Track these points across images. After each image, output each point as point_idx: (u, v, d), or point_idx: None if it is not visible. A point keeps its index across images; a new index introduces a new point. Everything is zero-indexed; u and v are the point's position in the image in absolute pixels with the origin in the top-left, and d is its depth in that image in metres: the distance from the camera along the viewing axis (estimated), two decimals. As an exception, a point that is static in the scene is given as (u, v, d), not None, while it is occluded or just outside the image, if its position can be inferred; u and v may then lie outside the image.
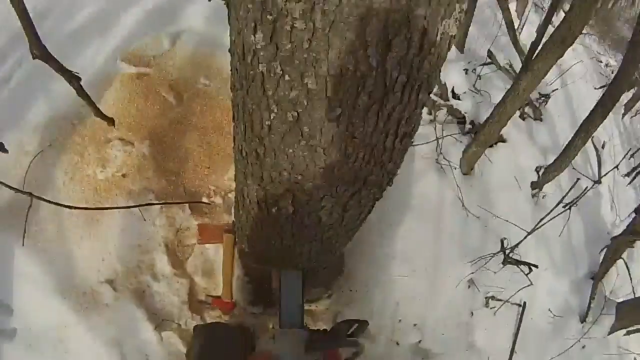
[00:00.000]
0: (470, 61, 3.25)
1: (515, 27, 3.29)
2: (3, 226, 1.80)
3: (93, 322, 1.81)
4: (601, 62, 5.41)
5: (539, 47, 1.93)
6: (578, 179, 2.50)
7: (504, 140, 2.89)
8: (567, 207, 2.23)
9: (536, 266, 2.33)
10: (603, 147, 3.63)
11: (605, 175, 2.50)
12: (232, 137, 1.07)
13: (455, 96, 2.83)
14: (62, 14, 2.32)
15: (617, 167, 2.82)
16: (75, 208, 1.61)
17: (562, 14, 2.09)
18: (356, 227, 1.38)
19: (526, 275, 2.36)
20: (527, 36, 4.04)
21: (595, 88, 3.97)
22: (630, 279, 2.71)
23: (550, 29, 1.96)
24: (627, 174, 3.60)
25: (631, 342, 2.81)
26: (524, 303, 2.50)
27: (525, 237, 2.25)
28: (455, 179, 2.53)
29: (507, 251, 2.34)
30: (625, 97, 4.39)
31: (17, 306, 1.80)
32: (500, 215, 2.51)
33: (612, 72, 5.02)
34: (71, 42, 2.24)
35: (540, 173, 2.85)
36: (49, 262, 1.83)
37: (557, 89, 3.46)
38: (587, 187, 2.35)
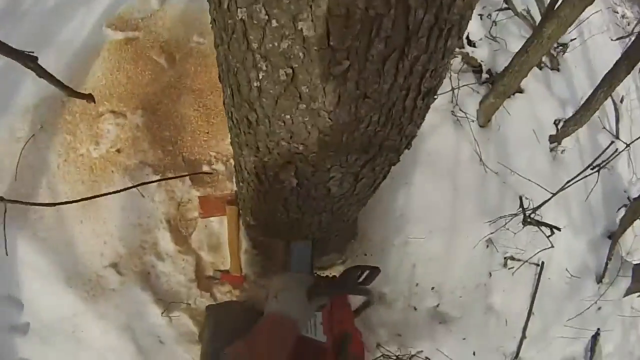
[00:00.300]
0: (485, 6, 2.98)
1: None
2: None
3: (101, 309, 1.77)
4: (617, 12, 5.07)
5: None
6: (612, 141, 2.34)
7: (521, 91, 2.70)
8: (596, 169, 2.07)
9: (559, 229, 2.21)
10: (622, 101, 3.42)
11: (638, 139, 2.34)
12: (229, 98, 0.92)
13: (471, 43, 2.61)
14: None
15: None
16: (59, 204, 1.47)
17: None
18: (370, 195, 1.25)
19: (547, 237, 2.24)
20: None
21: (612, 39, 3.74)
22: (647, 240, 2.63)
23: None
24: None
25: (644, 305, 2.81)
26: (542, 263, 2.44)
27: (549, 199, 2.12)
28: (472, 132, 2.37)
29: (529, 212, 2.22)
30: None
31: (26, 299, 1.77)
32: (519, 171, 2.38)
33: (628, 24, 4.73)
34: (54, 16, 2.08)
35: (559, 126, 2.68)
36: (52, 251, 1.77)
37: (575, 39, 3.23)
38: (617, 149, 2.18)
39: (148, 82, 2.04)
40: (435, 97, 0.74)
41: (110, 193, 1.49)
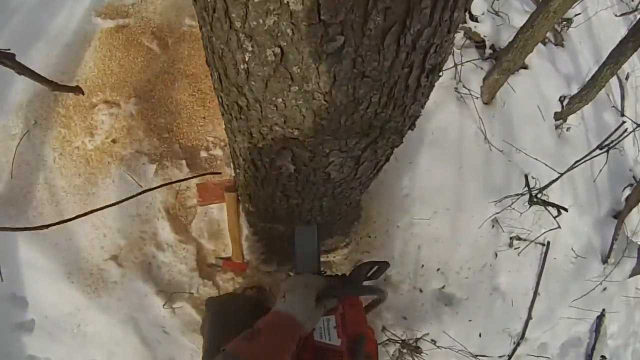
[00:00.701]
0: (487, -21, 2.88)
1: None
2: (2, 218, 1.72)
3: (104, 303, 1.77)
4: (621, -13, 4.92)
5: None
6: (623, 121, 2.27)
7: (525, 67, 2.61)
8: (605, 150, 2.01)
9: (566, 209, 2.16)
10: (627, 78, 3.32)
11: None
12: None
13: (473, 18, 2.50)
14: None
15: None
16: (49, 226, 1.40)
17: None
18: (373, 177, 1.21)
19: (554, 218, 2.20)
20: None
21: (616, 15, 3.63)
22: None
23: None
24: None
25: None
26: (548, 242, 2.40)
27: (557, 179, 2.06)
28: (477, 109, 2.30)
29: (535, 192, 2.17)
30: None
31: (30, 297, 1.78)
32: (524, 148, 2.32)
33: (632, 0, 4.61)
34: (42, 9, 2.03)
35: (565, 103, 2.60)
36: (53, 247, 1.77)
37: (579, 14, 3.12)
38: (627, 129, 2.11)
39: (141, 69, 1.99)
40: (441, 74, 0.68)
41: (113, 204, 1.44)
